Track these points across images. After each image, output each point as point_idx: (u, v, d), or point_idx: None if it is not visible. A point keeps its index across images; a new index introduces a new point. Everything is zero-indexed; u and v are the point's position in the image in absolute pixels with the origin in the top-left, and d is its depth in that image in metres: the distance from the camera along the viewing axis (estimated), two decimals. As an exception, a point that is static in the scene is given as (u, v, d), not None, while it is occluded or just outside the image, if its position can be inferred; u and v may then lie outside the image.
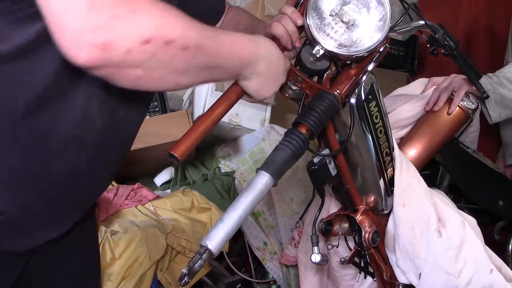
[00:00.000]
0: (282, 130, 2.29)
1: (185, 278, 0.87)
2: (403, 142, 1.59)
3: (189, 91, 2.71)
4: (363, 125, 1.21)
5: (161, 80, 0.78)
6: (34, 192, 0.90)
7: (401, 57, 2.97)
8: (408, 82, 2.76)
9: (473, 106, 1.62)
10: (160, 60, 0.74)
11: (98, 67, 0.71)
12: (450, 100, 1.61)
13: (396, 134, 1.59)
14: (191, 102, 2.52)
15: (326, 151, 1.21)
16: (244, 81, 0.97)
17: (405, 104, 1.62)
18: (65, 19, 0.67)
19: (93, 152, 0.93)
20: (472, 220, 1.43)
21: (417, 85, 1.72)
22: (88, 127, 0.90)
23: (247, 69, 0.94)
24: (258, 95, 1.00)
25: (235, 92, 1.01)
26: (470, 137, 1.81)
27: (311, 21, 1.05)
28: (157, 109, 2.38)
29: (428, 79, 1.71)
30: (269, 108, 2.44)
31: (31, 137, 0.85)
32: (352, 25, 1.06)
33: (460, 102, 1.60)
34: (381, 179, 1.30)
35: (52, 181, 0.91)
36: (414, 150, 1.58)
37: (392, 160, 1.31)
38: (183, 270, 0.86)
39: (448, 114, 1.60)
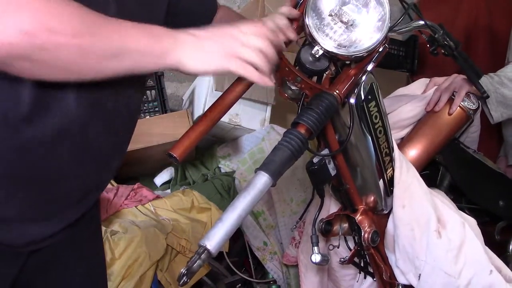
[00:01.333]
0: (282, 130, 2.29)
1: (184, 278, 0.86)
2: (404, 143, 1.59)
3: (189, 91, 2.72)
4: (363, 125, 1.21)
5: (60, 69, 0.76)
6: (18, 184, 0.88)
7: (401, 57, 2.96)
8: (408, 82, 2.75)
9: (474, 107, 1.62)
10: (47, 49, 0.72)
11: None
12: (451, 101, 1.61)
13: (397, 135, 1.59)
14: (191, 102, 2.52)
15: (325, 151, 1.21)
16: (176, 58, 0.86)
17: (406, 104, 1.62)
18: None
19: (78, 145, 0.91)
20: (472, 221, 1.43)
21: (418, 86, 1.72)
22: (70, 120, 0.87)
23: (166, 42, 0.85)
24: (201, 66, 0.88)
25: (234, 92, 1.01)
26: (471, 137, 1.81)
27: (310, 21, 1.05)
28: (157, 109, 2.38)
29: (429, 79, 1.71)
30: (269, 108, 2.45)
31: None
32: (351, 25, 1.06)
33: (461, 103, 1.60)
34: (381, 179, 1.30)
35: (35, 174, 0.89)
36: (414, 151, 1.58)
37: (391, 160, 1.31)
38: (181, 270, 0.86)
39: (449, 114, 1.60)
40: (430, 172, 1.75)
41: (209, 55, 0.88)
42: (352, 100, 1.16)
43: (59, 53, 0.74)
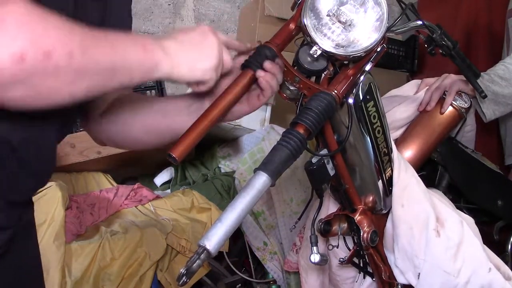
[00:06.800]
0: (282, 130, 2.27)
1: (183, 278, 0.86)
2: (398, 143, 1.60)
3: (189, 91, 2.72)
4: (361, 125, 1.21)
5: (51, 94, 0.71)
6: None
7: (401, 57, 2.97)
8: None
9: (466, 105, 1.64)
10: (43, 73, 0.68)
11: None
12: (442, 100, 1.62)
13: (391, 136, 1.60)
14: (191, 102, 2.52)
15: (324, 151, 1.21)
16: (169, 67, 0.87)
17: (400, 105, 1.64)
18: None
19: None
20: (470, 219, 1.43)
21: (410, 87, 1.74)
22: None
23: (156, 53, 0.84)
24: (194, 73, 0.90)
25: (233, 92, 1.01)
26: (467, 137, 1.82)
27: (309, 22, 1.06)
28: (157, 109, 2.38)
29: (421, 80, 1.73)
30: (269, 108, 2.45)
31: None
32: (349, 25, 1.06)
33: (453, 102, 1.62)
34: (380, 179, 1.31)
35: None
36: (409, 151, 1.60)
37: (390, 160, 1.31)
38: (181, 270, 0.86)
39: (441, 113, 1.62)
40: (429, 172, 1.75)
41: (197, 69, 0.91)
42: (350, 100, 1.16)
43: (56, 76, 0.70)
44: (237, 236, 2.26)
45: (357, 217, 1.31)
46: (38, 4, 0.69)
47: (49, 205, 1.80)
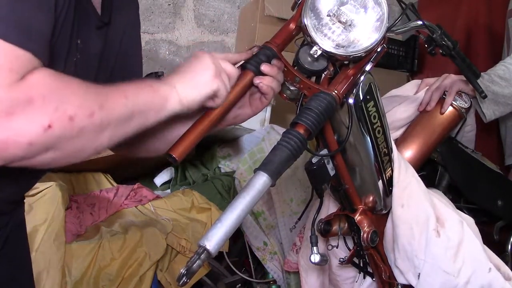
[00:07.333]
0: (282, 130, 2.27)
1: (184, 278, 0.86)
2: (398, 143, 1.60)
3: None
4: (361, 125, 1.21)
5: (78, 152, 0.77)
6: None
7: (401, 57, 2.97)
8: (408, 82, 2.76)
9: (466, 105, 1.64)
10: (68, 136, 0.73)
11: (7, 163, 0.70)
12: (442, 100, 1.62)
13: (391, 136, 1.60)
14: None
15: (324, 151, 1.21)
16: (177, 98, 0.92)
17: (400, 105, 1.64)
18: None
19: None
20: (469, 219, 1.43)
21: (410, 87, 1.74)
22: None
23: (163, 89, 0.90)
24: (199, 89, 0.94)
25: (234, 92, 1.01)
26: (467, 137, 1.82)
27: (309, 22, 1.06)
28: (157, 109, 2.38)
29: (421, 80, 1.73)
30: (269, 108, 2.45)
31: None
32: (350, 25, 1.06)
33: (453, 102, 1.62)
34: (380, 179, 1.31)
35: None
36: (409, 151, 1.60)
37: (390, 160, 1.31)
38: (181, 270, 0.86)
39: (441, 113, 1.62)
40: (429, 172, 1.75)
41: (200, 85, 0.95)
42: (350, 100, 1.16)
43: (81, 136, 0.74)
44: (237, 236, 2.26)
45: (357, 217, 1.31)
46: (54, 71, 0.74)
47: (49, 205, 1.80)
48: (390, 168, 1.32)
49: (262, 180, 0.94)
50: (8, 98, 0.67)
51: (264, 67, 1.03)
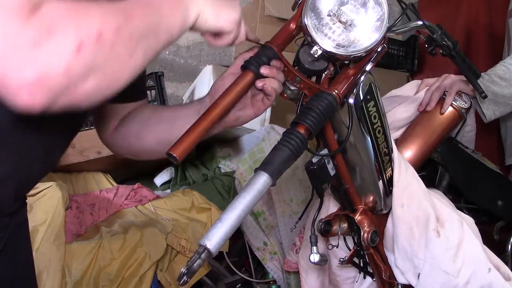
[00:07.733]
0: (282, 130, 2.27)
1: (184, 278, 0.86)
2: (398, 143, 1.60)
3: (189, 91, 2.72)
4: (362, 125, 1.21)
5: (118, 74, 0.74)
6: None
7: (401, 57, 2.98)
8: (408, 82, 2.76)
9: (466, 105, 1.64)
10: (103, 56, 0.70)
11: (51, 101, 0.66)
12: (442, 100, 1.63)
13: (391, 136, 1.60)
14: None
15: (324, 151, 1.21)
16: (196, 10, 0.90)
17: (400, 105, 1.64)
18: None
19: None
20: (469, 220, 1.43)
21: (410, 87, 1.74)
22: None
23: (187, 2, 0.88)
24: (218, 20, 0.94)
25: (234, 92, 1.01)
26: (467, 137, 1.83)
27: (309, 21, 1.05)
28: (157, 109, 2.38)
29: (421, 80, 1.74)
30: (269, 108, 2.44)
31: None
32: (350, 25, 1.06)
33: (453, 102, 1.62)
34: (380, 179, 1.31)
35: None
36: (409, 151, 1.60)
37: (390, 160, 1.31)
38: (181, 270, 0.86)
39: (441, 114, 1.62)
40: (429, 172, 1.76)
41: (222, 18, 0.94)
42: (351, 100, 1.16)
43: (114, 54, 0.72)
44: (237, 236, 2.27)
45: (358, 217, 1.31)
46: None
47: (49, 205, 1.80)
48: (390, 168, 1.32)
49: (262, 179, 0.94)
50: (29, 28, 0.64)
51: (263, 70, 1.03)
